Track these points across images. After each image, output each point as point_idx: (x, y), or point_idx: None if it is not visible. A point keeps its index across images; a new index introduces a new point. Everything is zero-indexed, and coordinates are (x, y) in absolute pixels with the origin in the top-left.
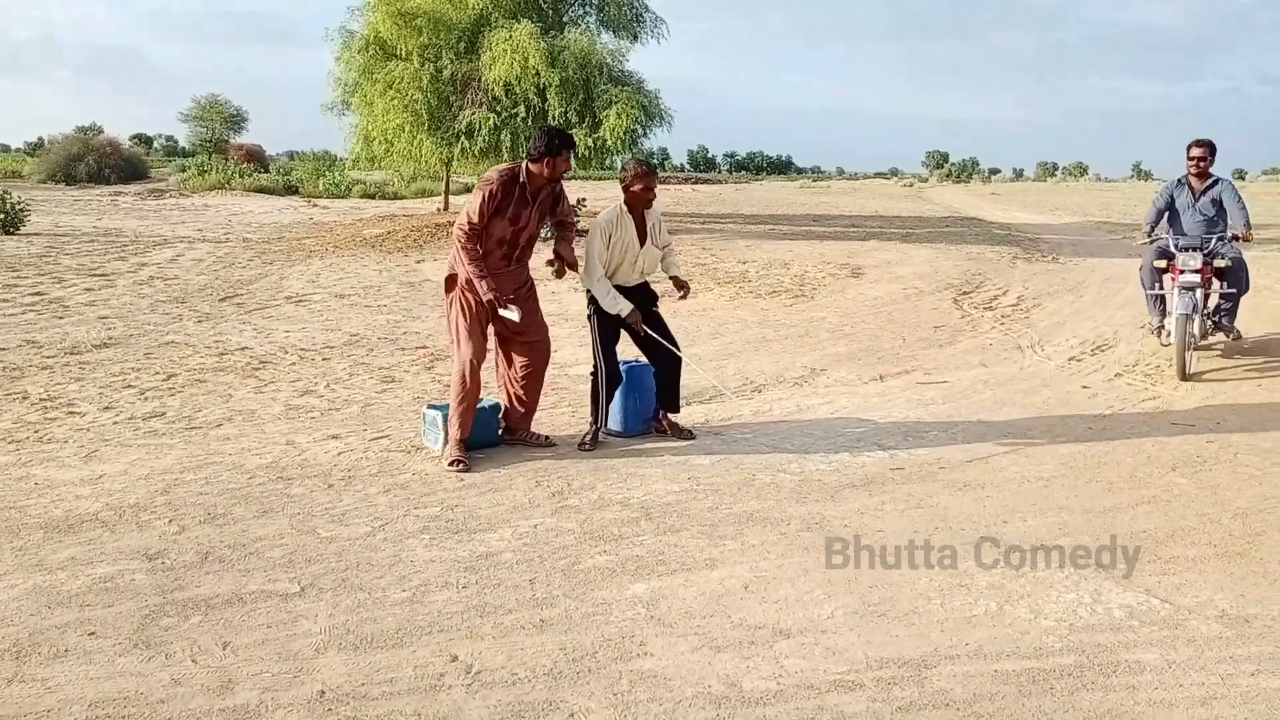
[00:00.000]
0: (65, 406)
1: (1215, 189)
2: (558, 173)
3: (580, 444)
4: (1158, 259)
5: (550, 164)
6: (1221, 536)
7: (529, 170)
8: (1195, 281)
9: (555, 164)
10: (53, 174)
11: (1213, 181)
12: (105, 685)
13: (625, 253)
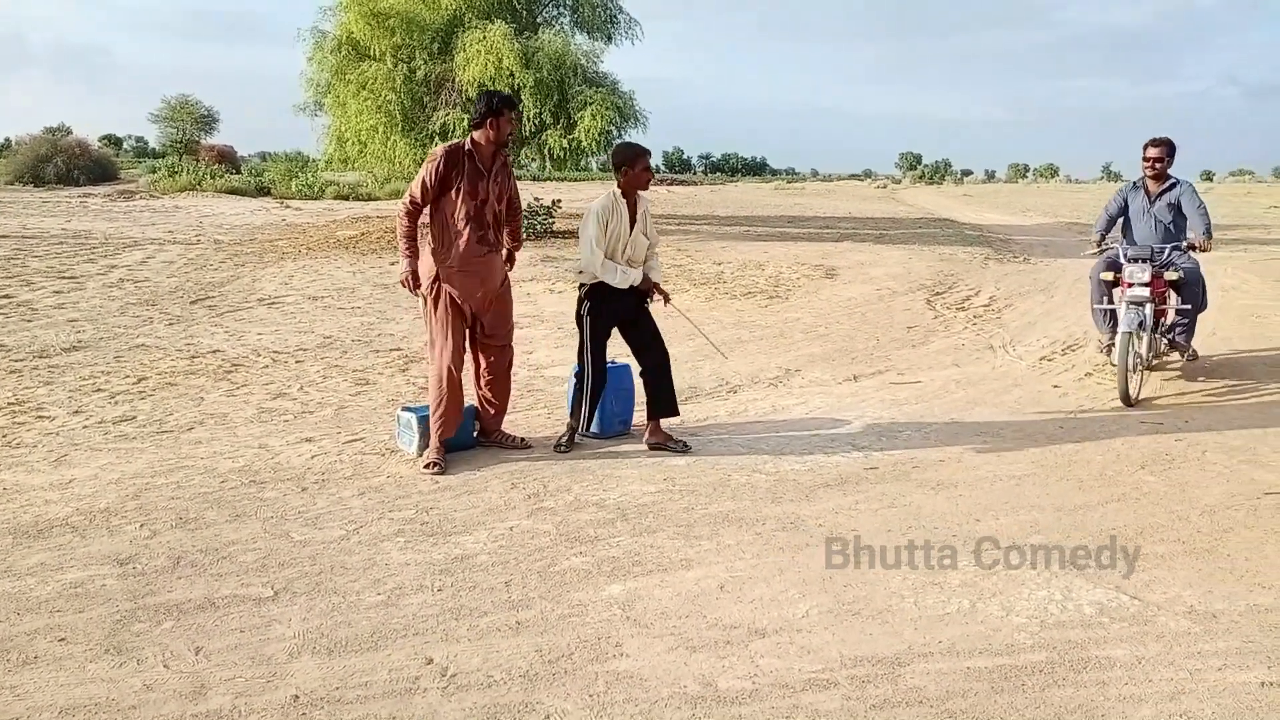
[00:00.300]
0: (34, 410)
1: (1173, 192)
2: (503, 135)
3: (556, 445)
4: (1105, 271)
5: (494, 125)
6: (1190, 533)
7: (474, 140)
8: (1144, 296)
9: (499, 125)
10: (20, 175)
11: (1171, 184)
12: (75, 692)
13: (618, 240)
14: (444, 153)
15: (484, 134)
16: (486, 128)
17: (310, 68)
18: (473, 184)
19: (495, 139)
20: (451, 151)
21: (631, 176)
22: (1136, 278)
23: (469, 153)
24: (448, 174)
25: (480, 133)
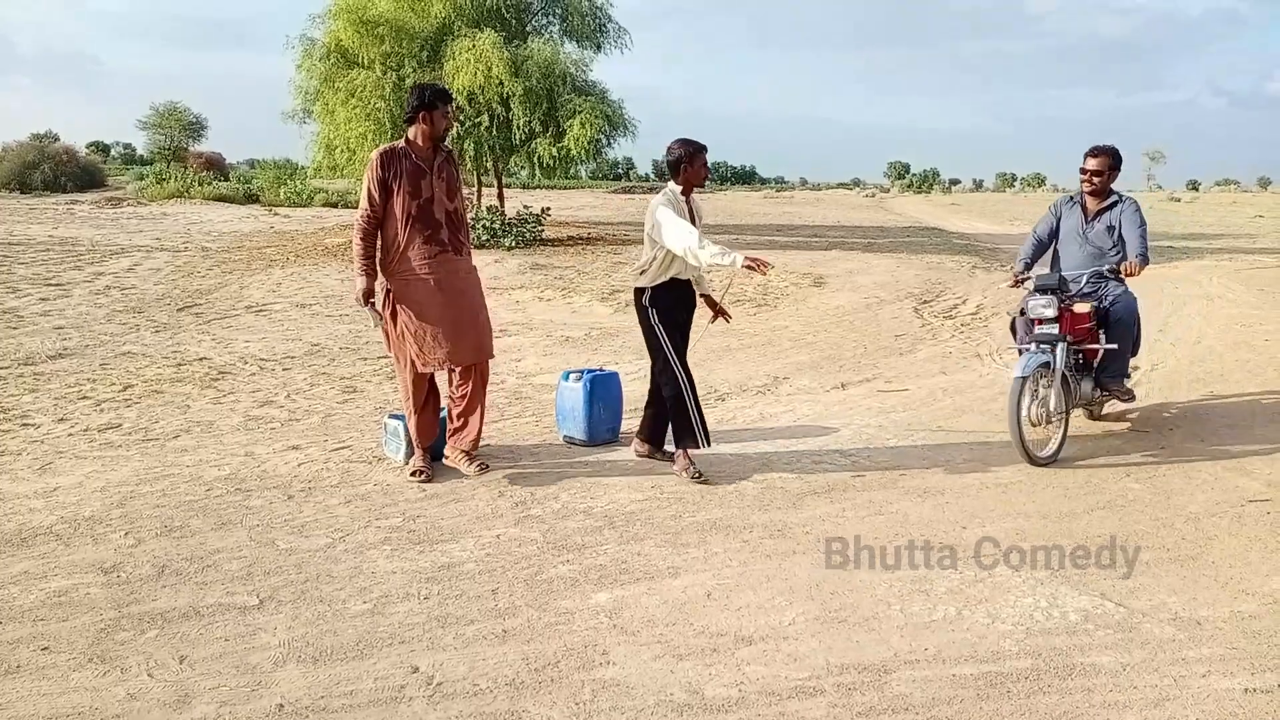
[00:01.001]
0: (19, 418)
1: (1114, 212)
2: (438, 130)
3: (694, 478)
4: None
5: (428, 119)
6: (1175, 541)
7: (408, 139)
8: (1052, 334)
9: (433, 119)
10: (7, 182)
11: (1112, 202)
12: (59, 701)
13: None
14: (378, 155)
15: (418, 129)
16: (420, 122)
17: (299, 75)
18: (414, 183)
19: (430, 134)
20: (386, 153)
21: (690, 173)
22: (1039, 312)
23: (404, 151)
24: (385, 176)
25: (414, 128)
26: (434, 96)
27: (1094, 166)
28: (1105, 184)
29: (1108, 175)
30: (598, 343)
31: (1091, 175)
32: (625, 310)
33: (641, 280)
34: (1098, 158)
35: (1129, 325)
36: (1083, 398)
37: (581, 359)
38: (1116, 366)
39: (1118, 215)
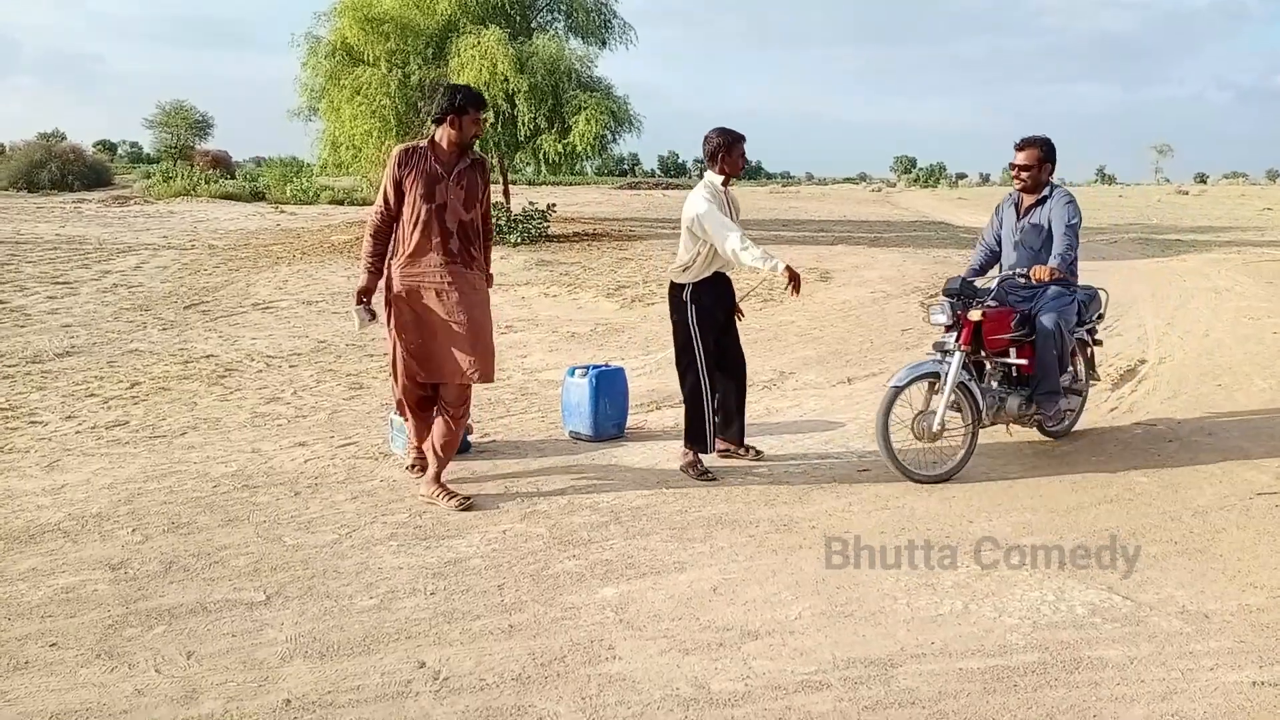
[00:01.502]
0: (27, 416)
1: (1044, 207)
2: (466, 136)
3: (700, 474)
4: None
5: (457, 124)
6: (1182, 534)
7: (433, 139)
8: (946, 344)
9: (463, 124)
10: (14, 181)
11: (1043, 197)
12: (67, 697)
13: None
14: (398, 153)
15: (444, 131)
16: (447, 125)
17: (305, 73)
18: (428, 186)
19: (456, 139)
20: (406, 151)
21: (728, 162)
22: (934, 318)
23: (424, 152)
24: (400, 176)
25: (441, 130)
26: (466, 101)
27: (1022, 160)
28: (1036, 178)
29: (1039, 169)
30: (603, 338)
31: (1020, 170)
32: (631, 306)
33: (684, 277)
34: (1025, 150)
35: (1051, 339)
36: (1007, 414)
37: (587, 355)
38: (1045, 385)
39: (1047, 211)
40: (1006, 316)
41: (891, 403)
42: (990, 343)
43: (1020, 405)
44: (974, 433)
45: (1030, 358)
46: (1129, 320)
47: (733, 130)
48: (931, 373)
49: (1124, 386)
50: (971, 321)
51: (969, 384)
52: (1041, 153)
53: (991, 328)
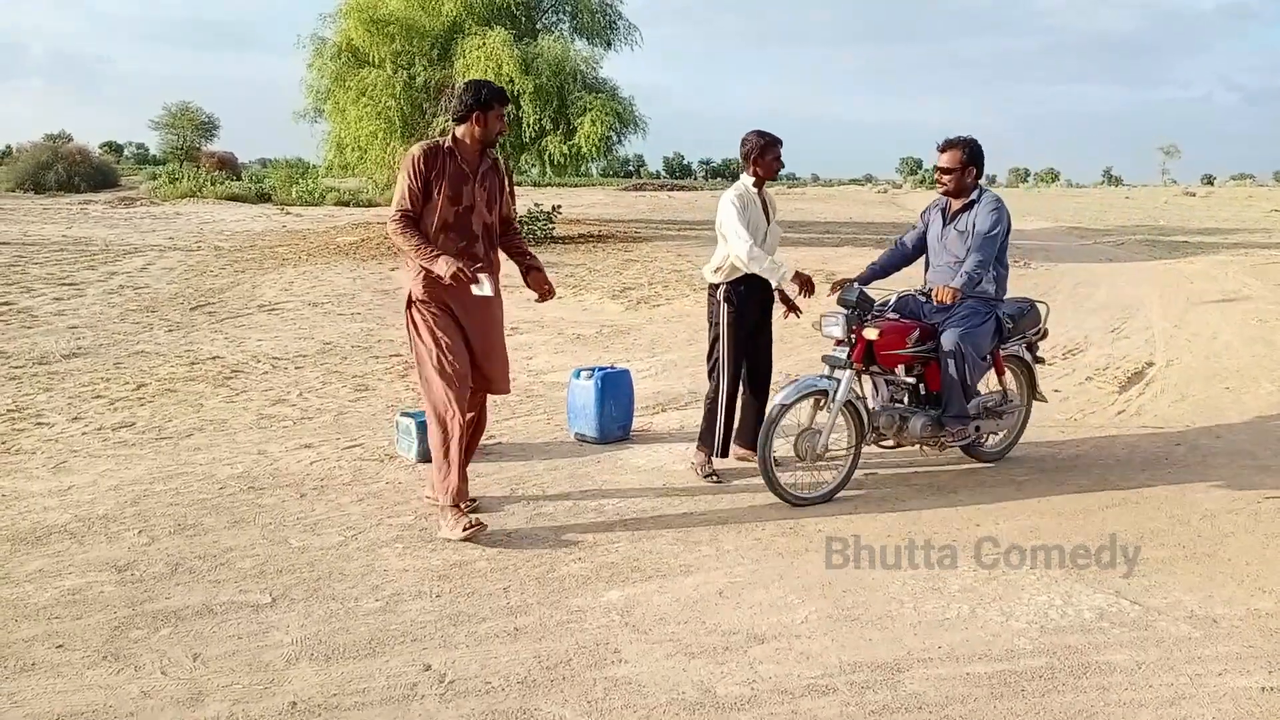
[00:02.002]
0: (33, 417)
1: (970, 213)
2: (491, 133)
3: (706, 475)
4: None
5: (481, 120)
6: (1190, 538)
7: (455, 137)
8: (839, 358)
9: (487, 120)
10: (21, 182)
11: (970, 203)
12: (73, 698)
13: (757, 231)
14: (421, 152)
15: (469, 130)
16: (473, 123)
17: (310, 74)
18: (455, 188)
19: (481, 137)
20: (430, 151)
21: (760, 165)
22: (828, 330)
23: (449, 151)
24: (428, 176)
25: (464, 128)
26: (491, 96)
27: (944, 163)
28: (959, 182)
29: (962, 172)
30: (609, 340)
31: (941, 173)
32: (636, 308)
33: (717, 276)
34: (947, 152)
35: (955, 358)
36: (910, 435)
37: (593, 357)
38: (951, 407)
39: (972, 217)
40: (904, 331)
41: (776, 421)
42: (884, 359)
43: (926, 426)
44: (857, 453)
45: (935, 376)
46: (1136, 322)
47: (769, 134)
48: (819, 390)
49: (1131, 389)
50: (867, 339)
51: (856, 402)
52: (965, 155)
53: (886, 342)
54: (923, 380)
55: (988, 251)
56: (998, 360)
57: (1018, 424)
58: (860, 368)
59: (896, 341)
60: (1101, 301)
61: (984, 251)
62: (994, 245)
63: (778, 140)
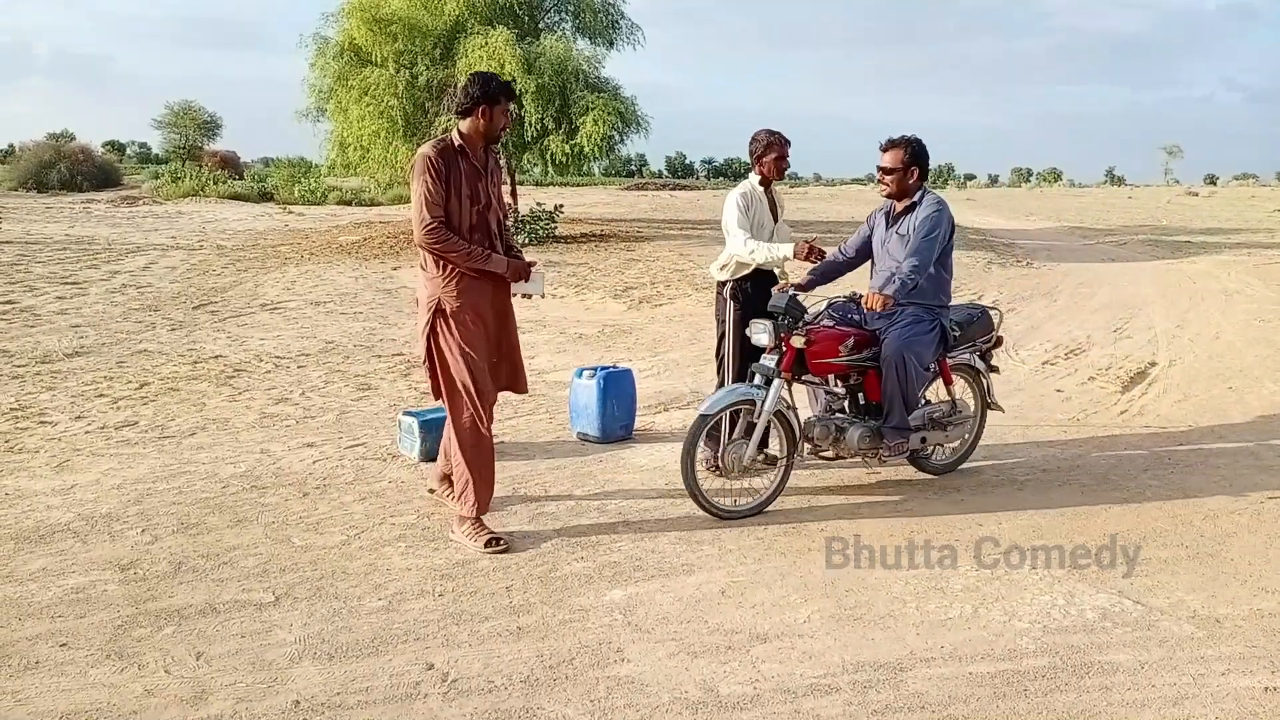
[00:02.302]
0: (36, 416)
1: (912, 216)
2: (497, 128)
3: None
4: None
5: (487, 115)
6: (1193, 538)
7: (462, 133)
8: (768, 367)
9: (493, 115)
10: (24, 181)
11: (912, 204)
12: (77, 697)
13: (762, 229)
14: (435, 152)
15: (474, 124)
16: (478, 116)
17: (313, 74)
18: (472, 186)
19: (486, 131)
20: (443, 150)
21: (763, 165)
22: (755, 338)
23: (460, 149)
24: (446, 176)
25: (470, 122)
26: (498, 90)
27: (885, 163)
28: (901, 183)
29: (904, 173)
30: (611, 340)
31: (883, 174)
32: (638, 307)
33: (722, 274)
34: (889, 151)
35: (895, 368)
36: (847, 446)
37: (595, 356)
38: (892, 418)
39: (912, 221)
40: (837, 339)
41: (699, 433)
42: (816, 368)
43: (864, 437)
44: (788, 465)
45: (875, 386)
46: (1139, 322)
47: (777, 134)
48: (746, 400)
49: (1134, 389)
50: (795, 348)
51: (787, 413)
52: (907, 155)
53: (818, 351)
54: (861, 390)
55: (925, 256)
56: (945, 369)
57: (970, 435)
58: (789, 377)
59: (829, 349)
60: (1104, 301)
61: (920, 256)
62: (932, 249)
63: (785, 142)
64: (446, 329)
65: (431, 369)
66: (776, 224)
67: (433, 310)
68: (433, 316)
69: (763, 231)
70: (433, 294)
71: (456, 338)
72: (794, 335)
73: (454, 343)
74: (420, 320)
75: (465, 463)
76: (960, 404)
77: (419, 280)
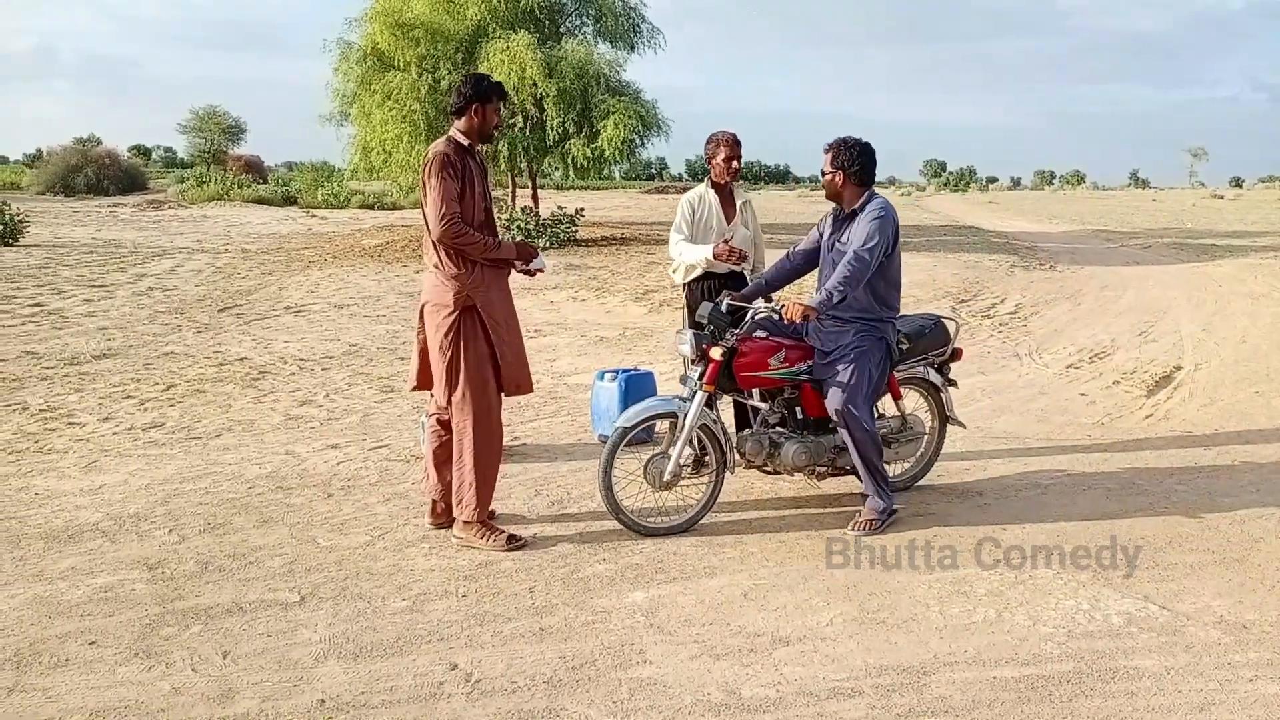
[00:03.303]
0: (65, 417)
1: (854, 223)
2: (489, 126)
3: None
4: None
5: (480, 113)
6: (1219, 543)
7: (460, 132)
8: (692, 379)
9: (485, 113)
10: (51, 185)
11: (854, 211)
12: (106, 694)
13: (706, 234)
14: (450, 151)
15: (468, 123)
16: (471, 115)
17: (336, 78)
18: (480, 184)
19: (480, 129)
20: (457, 149)
21: (714, 167)
22: (680, 349)
23: (468, 148)
24: (461, 174)
25: (464, 121)
26: (490, 89)
27: (824, 165)
28: (833, 186)
29: (842, 176)
30: (632, 343)
31: (829, 177)
32: (659, 310)
33: (677, 277)
34: (826, 154)
35: (849, 426)
36: (783, 462)
37: (616, 359)
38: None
39: (851, 230)
40: (768, 351)
41: (617, 446)
42: (744, 381)
43: (800, 454)
44: (718, 481)
45: (812, 401)
46: (1164, 326)
47: (722, 133)
48: (666, 413)
49: (1159, 393)
50: (716, 360)
51: (713, 426)
52: (838, 156)
53: (746, 363)
54: (798, 404)
55: (856, 269)
56: (893, 384)
57: (926, 452)
58: (711, 389)
59: (758, 363)
60: (1128, 304)
61: (852, 269)
62: (865, 263)
63: (733, 141)
64: (473, 326)
65: (451, 370)
66: (731, 226)
67: (459, 308)
68: (458, 315)
69: (710, 234)
70: (459, 291)
71: (483, 334)
72: (714, 347)
73: (481, 339)
74: (438, 320)
75: (474, 466)
76: (912, 420)
77: (433, 281)
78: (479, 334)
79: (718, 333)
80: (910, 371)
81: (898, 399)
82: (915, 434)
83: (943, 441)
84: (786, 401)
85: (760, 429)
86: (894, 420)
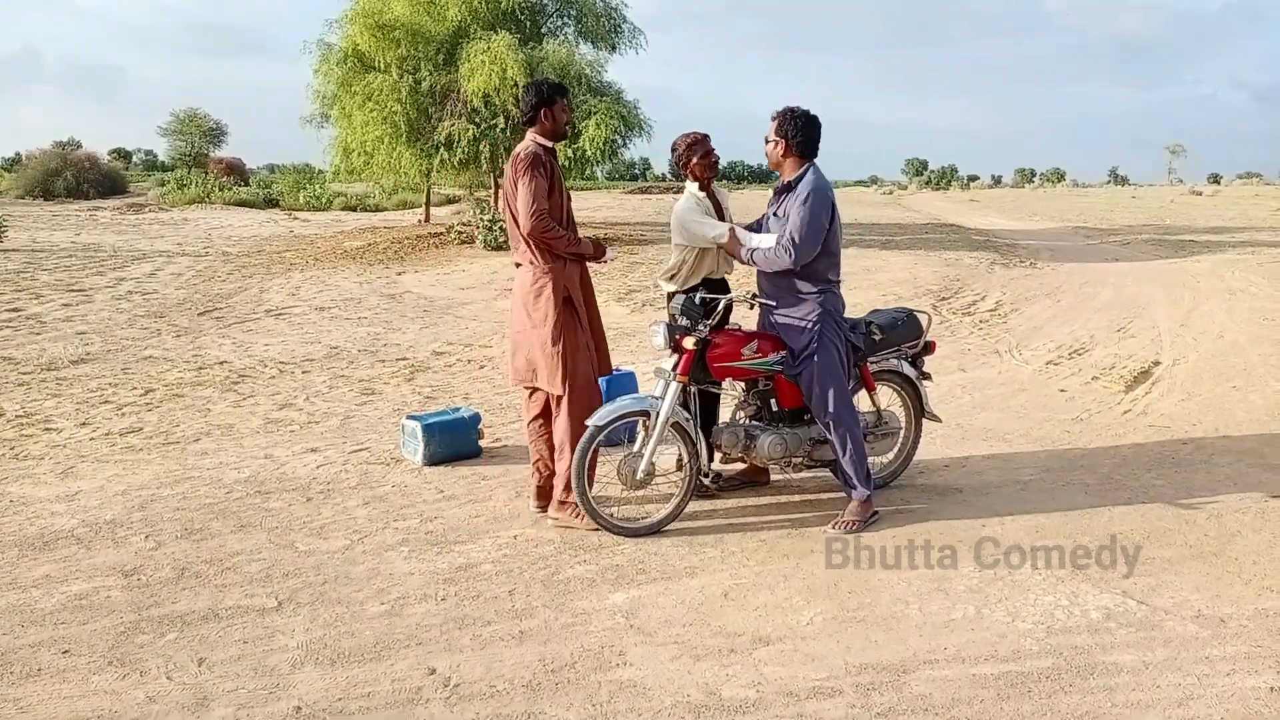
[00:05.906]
0: (42, 423)
1: (790, 195)
2: (561, 124)
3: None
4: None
5: (550, 116)
6: (1197, 538)
7: (538, 139)
8: (665, 371)
9: (554, 114)
10: (30, 189)
11: (794, 180)
12: (79, 704)
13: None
14: (540, 152)
15: (542, 127)
16: (542, 119)
17: (317, 80)
18: (561, 184)
19: (554, 129)
20: (538, 151)
21: (699, 167)
22: (654, 341)
23: (544, 149)
24: (549, 172)
25: (539, 127)
26: (552, 90)
27: (768, 133)
28: (781, 157)
29: (784, 146)
30: (614, 343)
31: (765, 143)
32: (642, 310)
33: (671, 285)
34: (772, 122)
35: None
36: (759, 455)
37: None
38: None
39: (787, 205)
40: (740, 341)
41: (590, 444)
42: (717, 372)
43: (776, 445)
44: (690, 477)
45: (787, 392)
46: (1143, 322)
47: (692, 133)
48: (639, 410)
49: (1138, 388)
50: (690, 350)
51: (685, 424)
52: (781, 126)
53: (719, 354)
54: (773, 395)
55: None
56: (866, 375)
57: (904, 447)
58: (685, 380)
59: (731, 353)
60: (1107, 301)
61: (778, 256)
62: (791, 257)
63: (704, 138)
64: (572, 316)
65: (565, 359)
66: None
67: (559, 299)
68: (563, 307)
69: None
70: (557, 281)
71: (579, 326)
72: (687, 337)
73: (580, 330)
74: (544, 314)
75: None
76: (888, 415)
77: (531, 276)
78: (577, 324)
79: (691, 324)
80: (884, 364)
81: (872, 391)
82: (890, 429)
83: (919, 437)
84: (761, 393)
85: (735, 421)
86: (869, 415)
